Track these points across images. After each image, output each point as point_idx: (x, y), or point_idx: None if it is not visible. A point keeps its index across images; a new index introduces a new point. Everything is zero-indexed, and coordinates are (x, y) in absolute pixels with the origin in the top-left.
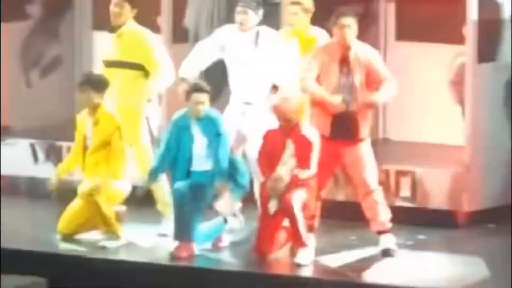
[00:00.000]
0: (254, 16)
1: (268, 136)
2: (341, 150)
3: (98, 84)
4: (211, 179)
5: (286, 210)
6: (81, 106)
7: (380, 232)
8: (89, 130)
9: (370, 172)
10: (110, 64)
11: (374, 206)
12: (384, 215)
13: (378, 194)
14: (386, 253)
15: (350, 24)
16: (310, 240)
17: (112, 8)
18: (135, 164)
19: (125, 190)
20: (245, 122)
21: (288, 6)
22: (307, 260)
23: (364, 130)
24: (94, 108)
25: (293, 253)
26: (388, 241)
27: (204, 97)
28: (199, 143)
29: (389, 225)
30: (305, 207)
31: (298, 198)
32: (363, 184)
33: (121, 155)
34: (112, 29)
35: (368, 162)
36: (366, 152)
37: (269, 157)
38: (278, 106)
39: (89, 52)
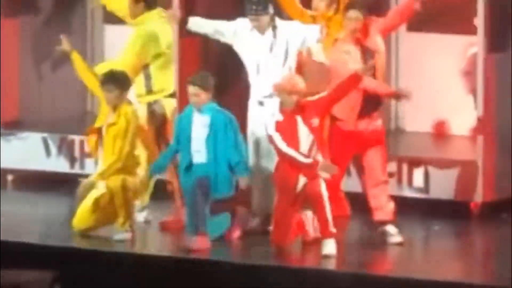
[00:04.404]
0: (266, 17)
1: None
2: (364, 129)
3: (123, 82)
4: (211, 172)
5: (315, 198)
6: (107, 103)
7: (385, 222)
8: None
9: (383, 157)
10: None
11: (382, 195)
12: (390, 205)
13: (387, 185)
14: (396, 244)
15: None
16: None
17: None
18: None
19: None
20: (263, 113)
21: None
22: (334, 250)
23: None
24: (115, 107)
25: (306, 245)
26: (393, 231)
27: (194, 90)
28: (198, 135)
29: (393, 215)
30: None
31: (324, 185)
32: (376, 170)
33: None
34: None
35: (382, 143)
36: (382, 131)
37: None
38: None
39: (101, 46)
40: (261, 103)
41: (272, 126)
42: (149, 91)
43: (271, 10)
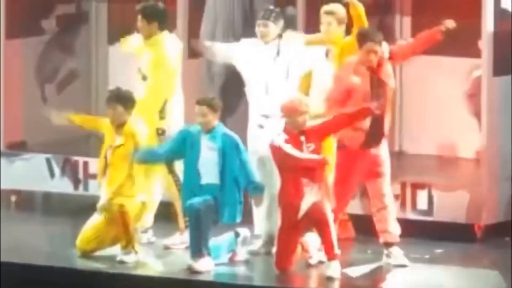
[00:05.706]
0: (274, 28)
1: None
2: (370, 156)
3: (127, 100)
4: (221, 193)
5: (319, 219)
6: (111, 122)
7: (390, 244)
8: (110, 149)
9: (387, 184)
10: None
11: (387, 218)
12: (396, 227)
13: (393, 209)
14: (400, 265)
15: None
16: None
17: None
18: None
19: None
20: (263, 136)
21: (323, 16)
22: (338, 273)
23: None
24: (121, 125)
25: (309, 267)
26: (399, 253)
27: (201, 110)
28: (206, 159)
29: (398, 238)
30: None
31: (329, 207)
32: (379, 196)
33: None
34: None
35: (387, 169)
36: (387, 154)
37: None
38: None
39: (105, 67)
40: (261, 126)
41: (281, 138)
42: (162, 117)
43: (281, 22)
